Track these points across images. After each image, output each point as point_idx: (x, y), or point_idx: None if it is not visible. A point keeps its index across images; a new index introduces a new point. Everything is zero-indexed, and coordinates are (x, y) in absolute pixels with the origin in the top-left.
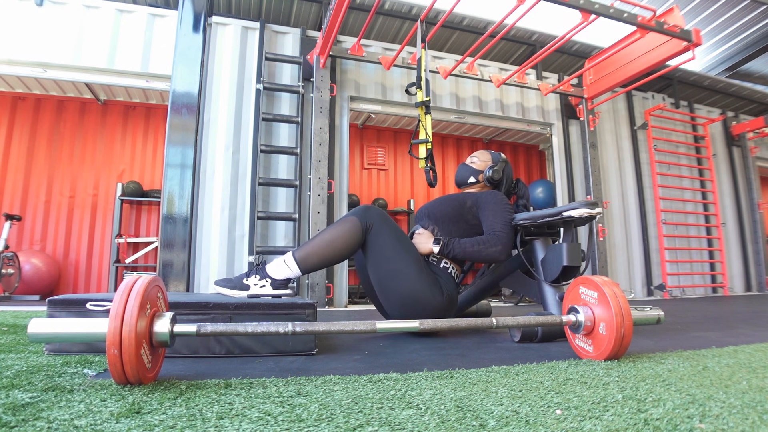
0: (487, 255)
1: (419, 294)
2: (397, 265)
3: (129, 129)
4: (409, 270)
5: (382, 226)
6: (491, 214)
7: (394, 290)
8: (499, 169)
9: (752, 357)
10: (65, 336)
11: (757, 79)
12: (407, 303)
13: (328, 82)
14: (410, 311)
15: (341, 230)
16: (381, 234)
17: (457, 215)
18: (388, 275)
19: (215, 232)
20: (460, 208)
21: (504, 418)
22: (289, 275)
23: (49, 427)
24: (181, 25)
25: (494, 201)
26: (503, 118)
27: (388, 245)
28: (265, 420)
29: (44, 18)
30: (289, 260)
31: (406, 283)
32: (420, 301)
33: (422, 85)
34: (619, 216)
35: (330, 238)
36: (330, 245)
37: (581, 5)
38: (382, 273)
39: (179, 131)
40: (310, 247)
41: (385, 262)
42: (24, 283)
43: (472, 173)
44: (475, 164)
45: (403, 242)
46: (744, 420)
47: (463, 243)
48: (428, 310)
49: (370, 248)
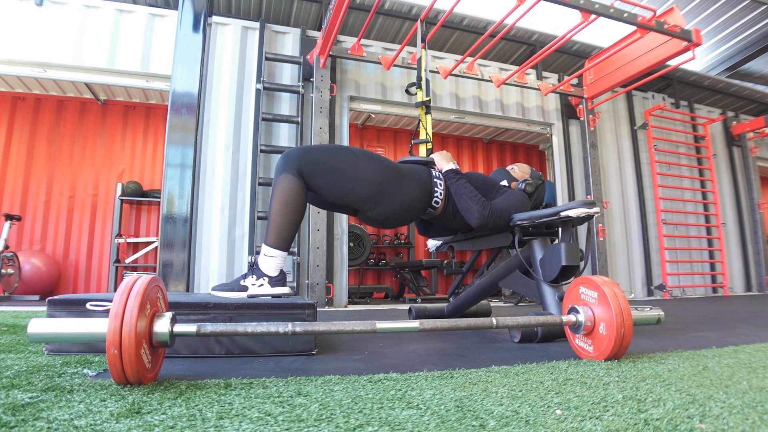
0: (469, 209)
1: (384, 185)
2: (351, 173)
3: (129, 129)
4: (364, 170)
5: (311, 158)
6: (505, 199)
7: (359, 194)
8: (533, 184)
9: (752, 357)
10: (65, 336)
11: (757, 79)
12: (377, 199)
13: (328, 82)
14: (382, 204)
15: (283, 191)
16: (315, 165)
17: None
18: (347, 188)
19: (215, 232)
20: (491, 186)
21: (504, 418)
22: (279, 264)
23: (49, 427)
24: (181, 25)
25: (516, 194)
26: (503, 118)
27: (330, 166)
28: (265, 420)
29: (44, 18)
30: (267, 251)
31: (366, 183)
32: (387, 190)
33: (422, 85)
34: (619, 216)
35: (280, 206)
36: (284, 211)
37: (581, 5)
38: (341, 190)
39: (179, 131)
40: (273, 227)
41: (337, 181)
42: (24, 283)
43: (508, 177)
44: (514, 172)
45: (343, 152)
46: (744, 420)
47: (468, 185)
48: (401, 198)
49: (318, 184)
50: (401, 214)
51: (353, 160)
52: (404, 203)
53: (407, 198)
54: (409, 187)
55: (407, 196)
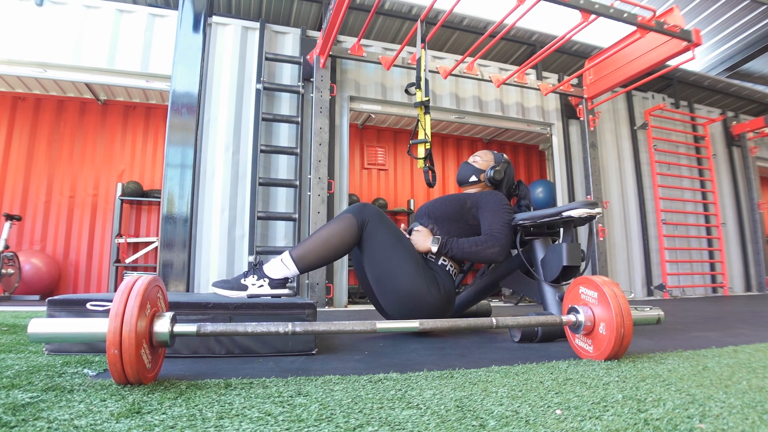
0: (485, 256)
1: (416, 291)
2: (394, 262)
3: (129, 129)
4: (405, 267)
5: (378, 223)
6: (490, 215)
7: (391, 288)
8: (501, 169)
9: (752, 357)
10: (65, 336)
11: (757, 79)
12: (404, 300)
13: (328, 82)
14: (408, 309)
15: (337, 228)
16: (377, 231)
17: (456, 215)
18: (384, 273)
19: (215, 232)
20: (460, 208)
21: (504, 418)
22: (287, 274)
23: (49, 427)
24: (181, 25)
25: (494, 201)
26: (503, 118)
27: (384, 243)
28: (265, 420)
29: (44, 18)
30: (286, 259)
31: (402, 280)
32: (417, 298)
33: (422, 85)
34: (619, 216)
35: (326, 236)
36: (326, 243)
37: (581, 5)
38: (379, 271)
39: (179, 131)
40: (306, 246)
41: (381, 259)
42: (24, 283)
43: (474, 172)
44: (477, 163)
45: (400, 239)
46: (744, 420)
47: (462, 243)
48: (426, 308)
49: (366, 246)
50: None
51: (405, 253)
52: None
53: (430, 310)
54: (435, 298)
55: (431, 308)
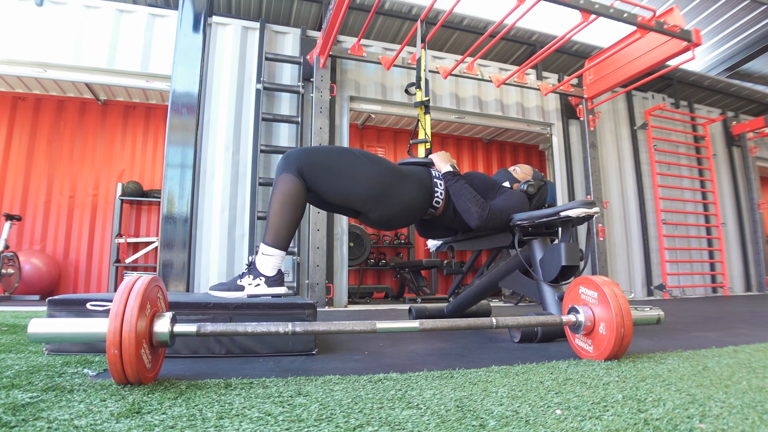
0: (468, 210)
1: (385, 186)
2: (351, 174)
3: (129, 129)
4: (365, 171)
5: (311, 158)
6: (505, 199)
7: (359, 195)
8: (535, 185)
9: (752, 357)
10: (65, 336)
11: (757, 79)
12: (378, 200)
13: (328, 82)
14: (383, 205)
15: (283, 191)
16: (316, 165)
17: (482, 190)
18: (348, 189)
19: (215, 232)
20: (491, 186)
21: (504, 418)
22: (277, 263)
23: (49, 427)
24: (181, 25)
25: (516, 194)
26: (503, 118)
27: (331, 166)
28: (265, 420)
29: (44, 18)
30: (265, 250)
31: (367, 184)
32: (388, 192)
33: (422, 85)
34: (619, 216)
35: (280, 205)
36: (283, 210)
37: (581, 5)
38: (342, 191)
39: (179, 131)
40: (271, 226)
41: (338, 182)
42: (24, 283)
43: (509, 179)
44: (516, 173)
45: (343, 153)
46: (744, 420)
47: (467, 186)
48: (402, 198)
49: (318, 184)
50: (402, 215)
51: (354, 161)
52: (405, 204)
53: (408, 199)
54: (410, 188)
55: (408, 196)
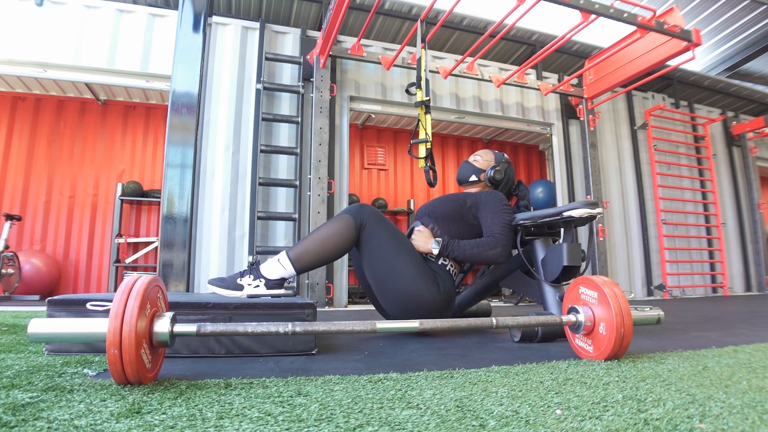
0: (486, 257)
1: (416, 292)
2: (393, 262)
3: (129, 129)
4: (404, 267)
5: (376, 224)
6: (490, 216)
7: (391, 288)
8: (501, 169)
9: (752, 357)
10: (65, 336)
11: (757, 79)
12: (404, 300)
13: (328, 82)
14: (408, 308)
15: (335, 228)
16: (375, 232)
17: (457, 215)
18: (383, 274)
19: (215, 232)
20: (460, 208)
21: (504, 418)
22: (284, 275)
23: (49, 427)
24: (181, 25)
25: (494, 202)
26: (503, 118)
27: (383, 243)
28: (265, 420)
29: (44, 18)
30: (283, 259)
31: (402, 280)
32: (417, 298)
33: (422, 85)
34: (619, 216)
35: (324, 236)
36: (324, 244)
37: (581, 5)
38: (378, 271)
39: (179, 131)
40: (303, 246)
41: (380, 260)
42: (24, 283)
43: (474, 171)
44: (477, 162)
45: (399, 240)
46: (744, 420)
47: (463, 245)
48: (425, 308)
49: (365, 246)
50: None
51: (404, 253)
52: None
53: (428, 310)
54: (434, 297)
55: (430, 307)
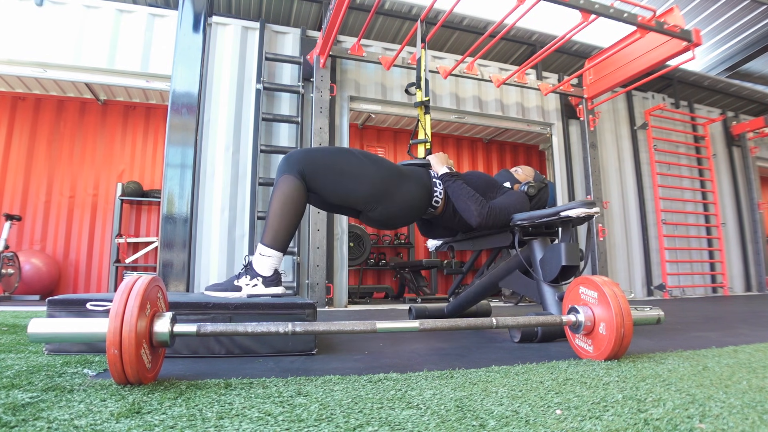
0: (468, 208)
1: (385, 186)
2: (352, 175)
3: (129, 129)
4: (365, 171)
5: (312, 160)
6: (506, 198)
7: (360, 195)
8: (536, 187)
9: (752, 357)
10: (65, 336)
11: (757, 79)
12: (378, 199)
13: (328, 82)
14: (383, 204)
15: (283, 192)
16: (317, 166)
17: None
18: (348, 189)
19: (215, 232)
20: (491, 186)
21: (504, 418)
22: (274, 264)
23: (49, 427)
24: (181, 25)
25: (516, 194)
26: (503, 118)
27: (332, 167)
28: (265, 420)
29: (44, 18)
30: (263, 250)
31: (367, 184)
32: (388, 191)
33: (422, 85)
34: (619, 216)
35: (279, 206)
36: (283, 212)
37: (581, 5)
38: (342, 191)
39: (179, 131)
40: (270, 226)
41: (338, 182)
42: (24, 283)
43: (510, 180)
44: (517, 174)
45: (344, 154)
46: (744, 420)
47: (465, 186)
48: (402, 198)
49: (320, 185)
50: (402, 215)
51: (354, 161)
52: (405, 203)
53: (408, 198)
54: (410, 188)
55: (408, 196)
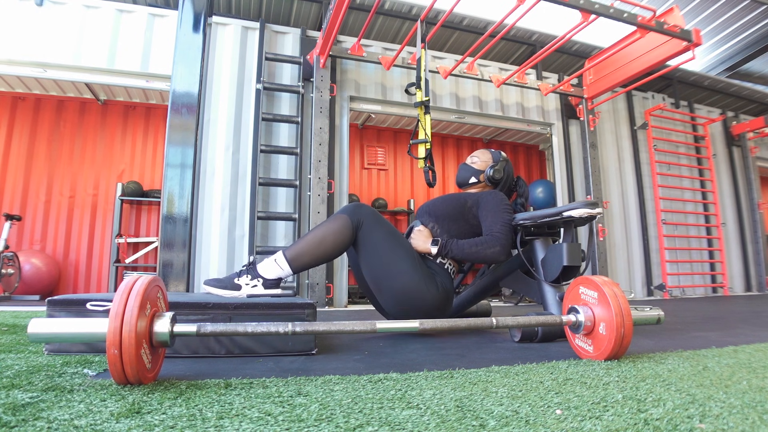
0: (485, 256)
1: (414, 290)
2: (390, 261)
3: (129, 129)
4: (402, 266)
5: (374, 223)
6: (491, 215)
7: (389, 287)
8: (500, 168)
9: (752, 357)
10: (65, 336)
11: (757, 79)
12: (402, 299)
13: (328, 82)
14: (406, 307)
15: (332, 228)
16: (372, 231)
17: (457, 214)
18: (381, 272)
19: (215, 232)
20: (461, 207)
21: (504, 418)
22: (281, 274)
23: (49, 427)
24: (181, 25)
25: (494, 201)
26: (503, 118)
27: (380, 242)
28: (265, 420)
29: (44, 18)
30: (280, 259)
31: (400, 279)
32: (415, 297)
33: (422, 85)
34: (619, 216)
35: (321, 236)
36: (321, 243)
37: (581, 5)
38: (376, 270)
39: (179, 131)
40: (300, 246)
41: (377, 259)
42: (24, 283)
43: (473, 173)
44: (475, 164)
45: (396, 239)
46: (744, 420)
47: (462, 244)
48: (424, 306)
49: (362, 246)
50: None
51: (404, 255)
52: (425, 312)
53: (428, 308)
54: (433, 296)
55: (428, 305)
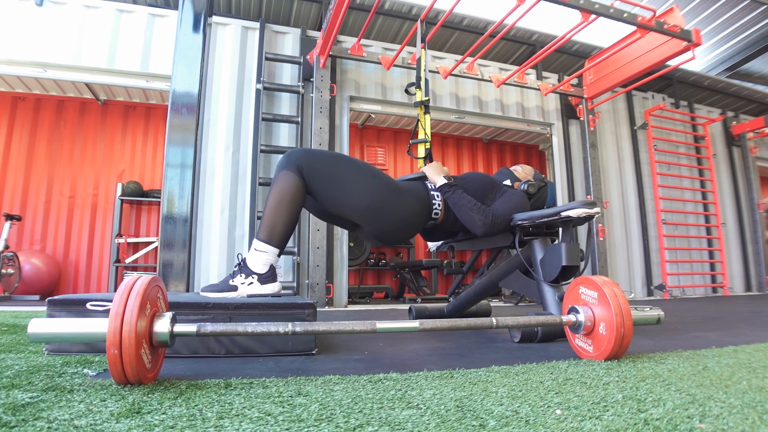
0: (471, 220)
1: (383, 201)
2: (351, 183)
3: (129, 129)
4: (364, 183)
5: (313, 159)
6: (505, 202)
7: (357, 207)
8: (536, 186)
9: (752, 357)
10: (65, 336)
11: (757, 79)
12: (376, 214)
13: (328, 82)
14: (381, 220)
15: (280, 187)
16: (317, 167)
17: (481, 193)
18: (344, 198)
19: (215, 232)
20: (491, 187)
21: (504, 418)
22: (269, 260)
23: (49, 427)
24: (181, 25)
25: (516, 196)
26: (503, 118)
27: (331, 172)
28: (265, 420)
29: (44, 18)
30: (258, 245)
31: (366, 197)
32: (389, 207)
33: (421, 85)
34: (619, 216)
35: (277, 200)
36: (280, 205)
37: (581, 5)
38: (339, 199)
39: (179, 131)
40: (266, 221)
41: (337, 189)
42: (24, 283)
43: (511, 177)
44: (517, 172)
45: (345, 162)
46: (744, 420)
47: (464, 195)
48: (402, 215)
49: (317, 187)
50: (400, 229)
51: (355, 171)
52: (403, 219)
53: (406, 214)
54: (408, 203)
55: (407, 212)
